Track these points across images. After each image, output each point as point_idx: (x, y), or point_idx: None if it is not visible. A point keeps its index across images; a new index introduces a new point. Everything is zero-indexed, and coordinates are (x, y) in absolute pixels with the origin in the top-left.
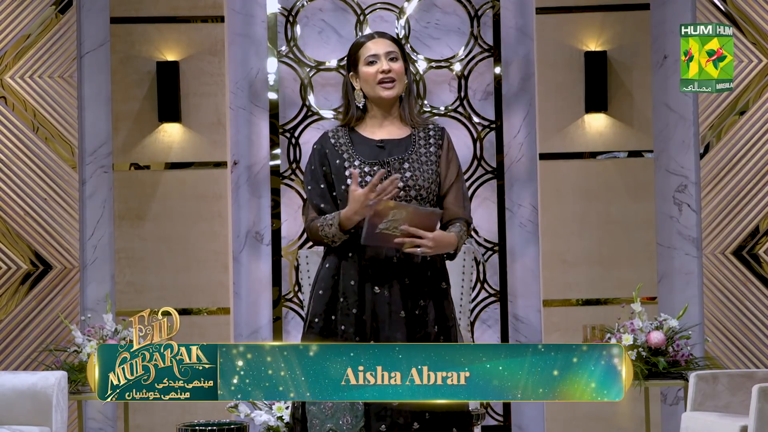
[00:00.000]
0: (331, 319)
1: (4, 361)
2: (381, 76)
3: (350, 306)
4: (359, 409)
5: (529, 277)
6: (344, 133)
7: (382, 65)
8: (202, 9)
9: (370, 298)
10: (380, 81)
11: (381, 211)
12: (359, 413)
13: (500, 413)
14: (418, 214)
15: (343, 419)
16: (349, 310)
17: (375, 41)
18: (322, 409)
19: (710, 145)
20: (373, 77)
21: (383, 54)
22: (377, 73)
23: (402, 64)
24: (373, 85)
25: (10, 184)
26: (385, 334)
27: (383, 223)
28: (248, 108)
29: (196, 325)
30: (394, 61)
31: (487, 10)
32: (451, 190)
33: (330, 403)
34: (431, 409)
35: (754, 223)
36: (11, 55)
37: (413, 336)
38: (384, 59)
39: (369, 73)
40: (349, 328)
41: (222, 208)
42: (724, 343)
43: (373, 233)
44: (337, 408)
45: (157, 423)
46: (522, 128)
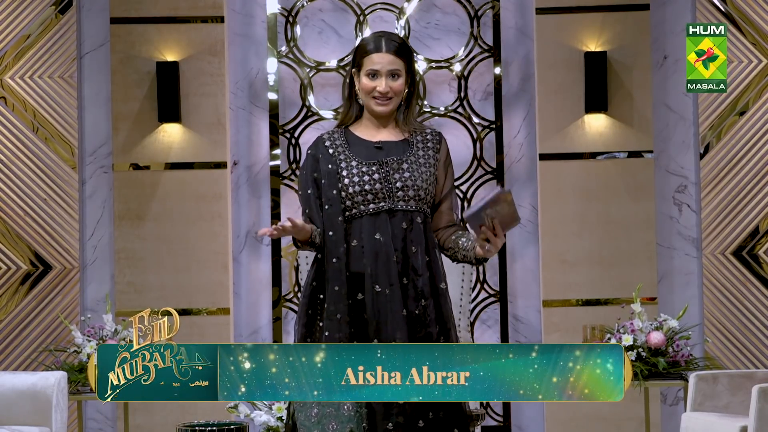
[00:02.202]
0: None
1: (4, 361)
2: (377, 94)
3: (337, 311)
4: (344, 414)
5: (529, 278)
6: (340, 135)
7: (381, 84)
8: (202, 9)
9: (371, 299)
10: (375, 98)
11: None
12: (344, 419)
13: (500, 413)
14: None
15: (329, 426)
16: (335, 315)
17: (381, 55)
18: (308, 416)
19: (710, 145)
20: (370, 91)
21: (385, 73)
22: (374, 90)
23: (403, 81)
24: (368, 98)
25: (10, 184)
26: (386, 333)
27: (493, 209)
28: (248, 108)
29: (196, 325)
30: (395, 79)
31: (487, 11)
32: (447, 198)
33: (315, 409)
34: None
35: (754, 223)
36: (11, 56)
37: (414, 335)
38: (384, 78)
39: (367, 86)
40: (335, 333)
41: (222, 208)
42: (724, 343)
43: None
44: (323, 415)
45: (157, 423)
46: (522, 128)
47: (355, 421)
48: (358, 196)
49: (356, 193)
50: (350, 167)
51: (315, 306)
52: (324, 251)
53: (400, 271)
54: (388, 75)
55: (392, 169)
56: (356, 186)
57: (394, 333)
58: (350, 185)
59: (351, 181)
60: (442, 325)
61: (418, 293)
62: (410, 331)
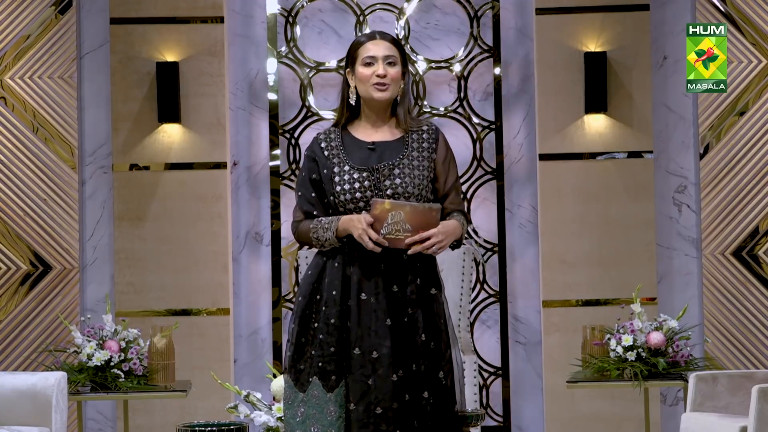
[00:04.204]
0: (311, 326)
1: (4, 362)
2: (375, 80)
3: (331, 315)
4: (327, 419)
5: (529, 278)
6: (336, 135)
7: (378, 69)
8: (201, 9)
9: (356, 306)
10: (374, 83)
11: (379, 216)
12: (326, 423)
13: (500, 413)
14: (417, 211)
15: (312, 428)
16: (329, 319)
17: (375, 42)
18: (294, 414)
19: (710, 145)
20: (368, 78)
21: (381, 57)
22: (372, 76)
23: (399, 69)
24: (367, 86)
25: (10, 185)
26: (370, 342)
27: (384, 227)
28: (248, 108)
29: (196, 325)
30: (391, 65)
31: (487, 11)
32: (450, 192)
33: (302, 409)
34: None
35: (754, 223)
36: (11, 56)
37: (400, 345)
38: (381, 63)
39: (365, 74)
40: (328, 337)
41: (222, 208)
42: (724, 343)
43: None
44: (307, 416)
45: (157, 423)
46: (522, 129)
47: (336, 425)
48: (350, 204)
49: (347, 201)
50: (342, 173)
51: (311, 306)
52: (328, 253)
53: (388, 278)
54: (384, 61)
55: (383, 175)
56: (347, 194)
57: (375, 342)
58: (341, 193)
59: (342, 188)
60: (432, 330)
61: (406, 301)
62: (396, 341)
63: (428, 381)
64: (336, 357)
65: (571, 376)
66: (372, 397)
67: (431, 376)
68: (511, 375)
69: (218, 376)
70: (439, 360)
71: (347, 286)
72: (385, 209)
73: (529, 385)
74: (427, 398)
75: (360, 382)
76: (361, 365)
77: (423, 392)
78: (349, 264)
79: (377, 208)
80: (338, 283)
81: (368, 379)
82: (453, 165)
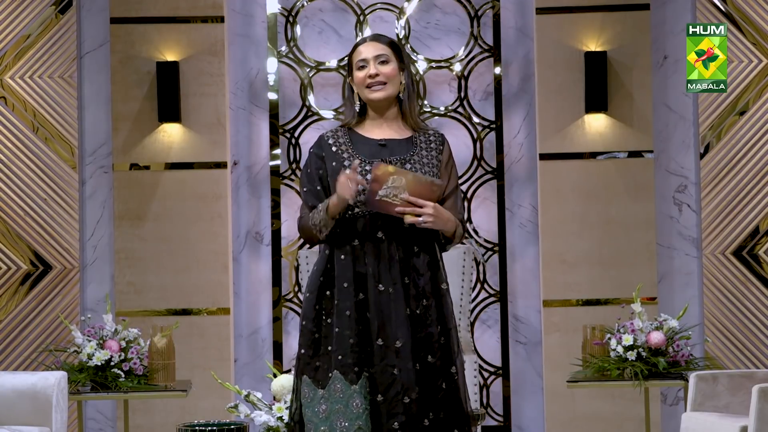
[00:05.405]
0: (324, 321)
1: (4, 361)
2: (368, 81)
3: (346, 308)
4: (353, 411)
5: (529, 278)
6: (344, 134)
7: (369, 69)
8: (201, 9)
9: (374, 297)
10: (368, 85)
11: (380, 177)
12: (353, 416)
13: (500, 413)
14: (419, 182)
15: (338, 423)
16: (345, 312)
17: (366, 45)
18: (317, 412)
19: (710, 145)
20: (362, 81)
21: (372, 58)
22: (365, 78)
23: (394, 66)
24: (362, 89)
25: (10, 184)
26: (389, 332)
27: (383, 189)
28: (248, 108)
29: (196, 325)
30: (384, 64)
31: (487, 11)
32: (450, 197)
33: (324, 406)
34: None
35: (754, 223)
36: (11, 55)
37: (415, 335)
38: (372, 63)
39: (359, 77)
40: (346, 330)
41: (222, 208)
42: (724, 343)
43: (373, 200)
44: (331, 411)
45: (157, 423)
46: (522, 128)
47: (363, 418)
48: (361, 195)
49: (359, 192)
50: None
51: (322, 302)
52: (332, 247)
53: (401, 270)
54: (375, 60)
55: None
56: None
57: (397, 332)
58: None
59: None
60: (443, 325)
61: (420, 293)
62: (412, 331)
63: (443, 373)
64: (356, 349)
65: (571, 375)
66: (399, 386)
67: (445, 370)
68: (512, 375)
69: (218, 375)
70: (451, 355)
71: (360, 278)
72: (388, 171)
73: (530, 385)
74: (444, 389)
75: (385, 372)
76: (385, 356)
77: (439, 382)
78: (362, 256)
79: (380, 168)
80: (350, 275)
81: (393, 369)
82: (454, 172)
